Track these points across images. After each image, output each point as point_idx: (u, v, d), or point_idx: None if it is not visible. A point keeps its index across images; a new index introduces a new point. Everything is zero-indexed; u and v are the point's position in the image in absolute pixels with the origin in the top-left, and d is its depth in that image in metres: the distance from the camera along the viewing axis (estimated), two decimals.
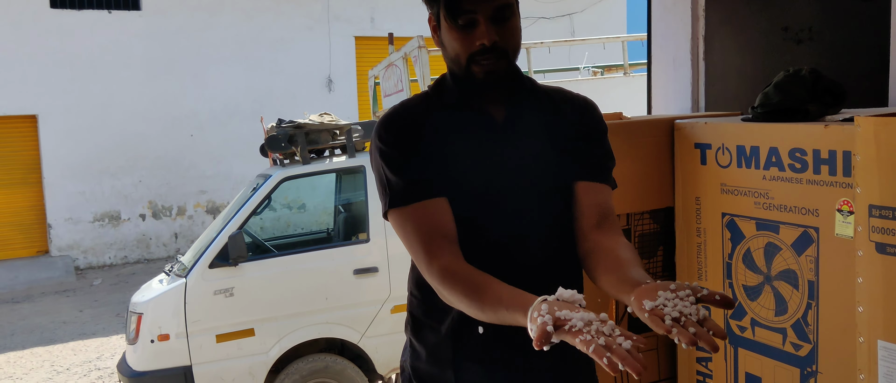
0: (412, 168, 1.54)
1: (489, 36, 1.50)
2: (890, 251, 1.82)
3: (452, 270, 1.44)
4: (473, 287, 1.39)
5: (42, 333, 8.43)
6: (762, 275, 2.56)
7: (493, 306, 1.33)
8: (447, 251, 1.47)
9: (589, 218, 1.57)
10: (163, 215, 12.36)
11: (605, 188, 1.63)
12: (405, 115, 1.60)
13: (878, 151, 1.82)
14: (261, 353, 4.70)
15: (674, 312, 1.13)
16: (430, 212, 1.51)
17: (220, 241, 4.70)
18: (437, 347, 1.61)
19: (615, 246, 1.51)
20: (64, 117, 11.57)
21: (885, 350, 1.86)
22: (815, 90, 2.63)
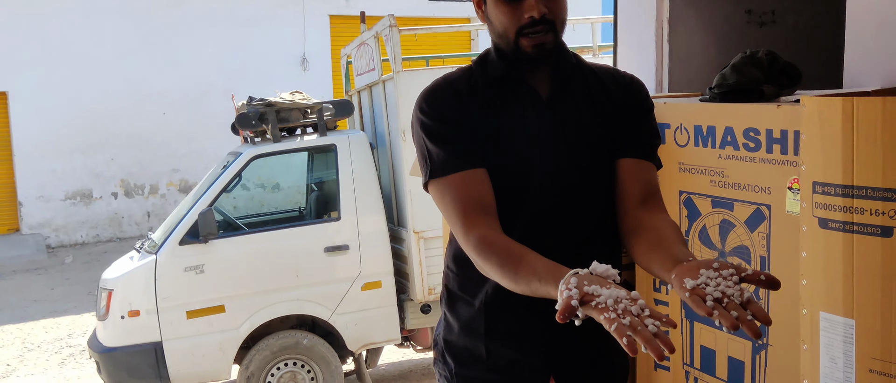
0: (453, 140, 1.54)
1: (538, 8, 1.49)
2: (831, 226, 1.89)
3: (489, 240, 1.43)
4: (509, 257, 1.38)
5: (13, 311, 8.40)
6: (717, 252, 2.64)
7: (526, 277, 1.32)
8: (484, 222, 1.47)
9: (633, 195, 1.56)
10: (135, 193, 12.29)
11: (650, 166, 1.61)
12: (447, 89, 1.60)
13: (822, 130, 1.89)
14: (231, 329, 4.74)
15: (716, 292, 1.10)
16: (469, 183, 1.50)
17: (190, 218, 4.72)
18: (471, 321, 1.62)
19: (659, 223, 1.49)
20: (34, 94, 11.44)
21: (826, 320, 1.94)
22: (771, 72, 2.71)
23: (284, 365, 4.86)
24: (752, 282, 1.14)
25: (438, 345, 1.68)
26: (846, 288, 1.87)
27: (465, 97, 1.57)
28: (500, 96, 1.57)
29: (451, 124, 1.54)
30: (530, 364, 1.56)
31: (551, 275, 1.23)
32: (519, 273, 1.33)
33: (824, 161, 1.89)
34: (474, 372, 1.60)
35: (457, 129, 1.54)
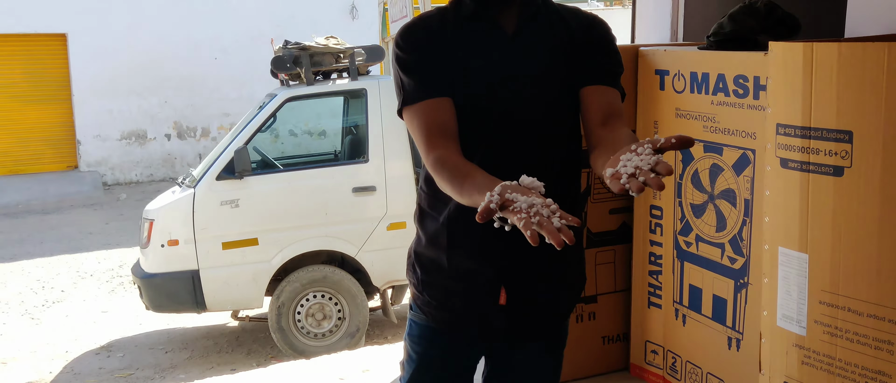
0: (423, 71, 1.66)
1: None
2: (791, 166, 2.00)
3: (444, 159, 1.57)
4: (459, 173, 1.52)
5: (69, 242, 8.86)
6: (706, 194, 2.75)
7: (469, 190, 1.45)
8: (444, 144, 1.61)
9: (595, 116, 1.66)
10: (187, 136, 12.70)
11: (610, 90, 1.71)
12: (421, 25, 1.73)
13: (785, 74, 1.99)
14: (264, 261, 5.01)
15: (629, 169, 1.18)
16: (434, 110, 1.64)
17: (226, 155, 4.97)
18: (436, 234, 1.76)
19: (617, 135, 1.57)
20: (92, 36, 11.84)
21: (783, 255, 2.06)
22: (768, 22, 2.78)
23: (313, 297, 5.12)
24: (667, 148, 1.21)
25: (410, 257, 1.85)
26: (802, 225, 1.99)
27: (437, 33, 1.70)
28: (469, 32, 1.70)
29: (423, 57, 1.68)
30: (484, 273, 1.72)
31: (487, 186, 1.35)
32: (464, 186, 1.47)
33: (786, 104, 1.99)
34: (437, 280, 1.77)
35: (427, 62, 1.67)
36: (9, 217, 10.18)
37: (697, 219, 2.80)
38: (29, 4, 11.36)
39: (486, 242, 1.68)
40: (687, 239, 2.86)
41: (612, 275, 3.19)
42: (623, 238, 3.16)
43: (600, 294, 3.17)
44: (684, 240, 2.88)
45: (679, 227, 2.89)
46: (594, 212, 3.10)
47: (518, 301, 1.73)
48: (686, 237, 2.86)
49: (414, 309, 1.86)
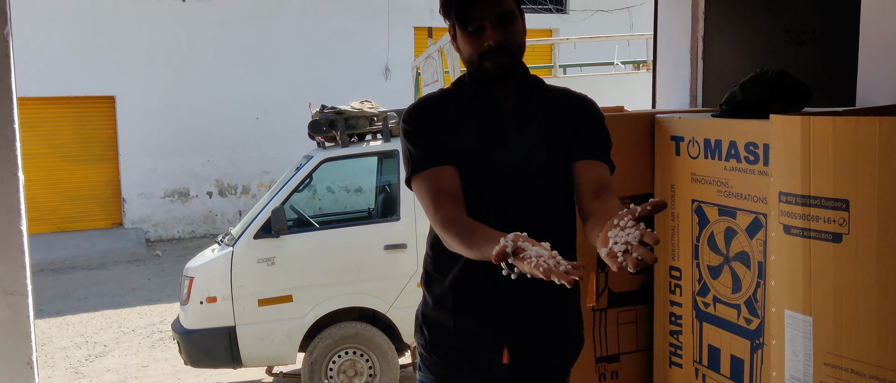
0: (428, 144, 1.84)
1: (495, 37, 1.79)
2: (793, 232, 2.09)
3: (452, 218, 1.73)
4: (466, 229, 1.67)
5: (112, 298, 9.11)
6: (722, 257, 2.84)
7: (478, 243, 1.59)
8: (450, 205, 1.77)
9: (588, 189, 1.82)
10: (228, 193, 13.02)
11: (601, 165, 1.88)
12: (427, 105, 1.92)
13: (785, 145, 2.09)
14: (298, 318, 5.15)
15: (621, 247, 1.30)
16: (440, 176, 1.81)
17: (264, 215, 5.16)
18: (442, 297, 1.90)
19: (608, 207, 1.72)
20: (140, 99, 12.29)
21: (789, 318, 2.14)
22: (779, 90, 2.89)
23: (345, 353, 5.23)
24: (645, 216, 1.34)
25: (418, 319, 1.98)
26: (805, 289, 2.07)
27: (441, 110, 1.89)
28: (470, 110, 1.88)
29: (428, 131, 1.86)
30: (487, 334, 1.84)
31: (495, 238, 1.49)
32: (473, 240, 1.61)
33: (787, 173, 2.09)
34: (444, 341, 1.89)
35: (432, 135, 1.85)
36: (55, 273, 10.50)
37: (715, 281, 2.88)
38: (80, 69, 11.86)
39: (490, 304, 1.81)
40: (705, 299, 2.94)
41: (634, 334, 3.26)
42: (644, 298, 3.24)
43: (623, 353, 3.24)
44: (702, 301, 2.95)
45: (697, 288, 2.97)
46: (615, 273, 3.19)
47: (521, 360, 1.84)
48: (704, 298, 2.94)
49: (422, 370, 1.97)
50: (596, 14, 14.12)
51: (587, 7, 14.39)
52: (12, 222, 2.69)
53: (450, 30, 1.93)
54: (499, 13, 1.80)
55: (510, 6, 1.83)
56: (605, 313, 3.20)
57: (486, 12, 1.79)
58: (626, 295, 3.26)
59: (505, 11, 1.80)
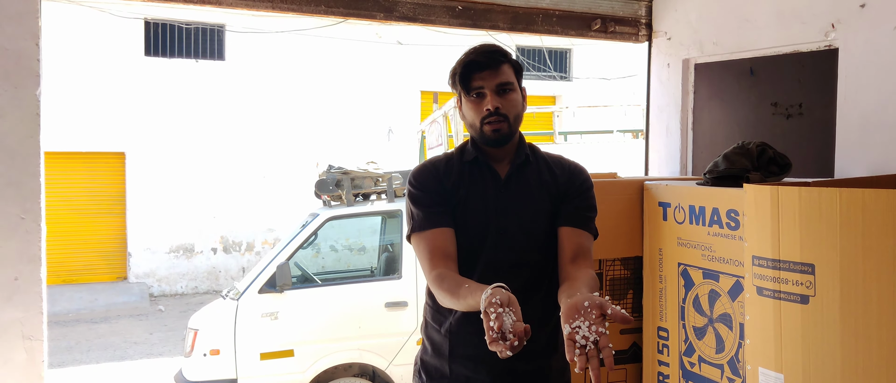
0: (429, 205, 2.03)
1: (494, 103, 2.00)
2: (765, 294, 2.24)
3: (444, 275, 1.92)
4: (456, 284, 1.84)
5: (115, 351, 9.19)
6: (707, 318, 2.98)
7: (464, 295, 1.76)
8: (444, 264, 1.96)
9: (566, 254, 2.01)
10: (233, 250, 13.17)
11: (583, 233, 2.06)
12: (431, 168, 2.11)
13: (757, 212, 2.26)
14: (298, 372, 5.25)
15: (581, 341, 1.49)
16: (437, 237, 1.99)
17: (269, 270, 5.31)
18: (439, 344, 2.07)
19: (579, 274, 1.93)
20: (149, 155, 12.54)
21: (763, 375, 2.28)
22: (760, 161, 3.07)
23: None
24: (611, 321, 1.54)
25: (416, 364, 2.13)
26: (777, 347, 2.21)
27: (443, 174, 2.08)
28: (469, 175, 2.08)
29: (430, 194, 2.05)
30: (481, 380, 1.99)
31: (479, 289, 1.68)
32: (460, 294, 1.78)
33: (759, 238, 2.25)
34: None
35: (433, 198, 2.04)
36: (59, 325, 10.58)
37: (700, 341, 3.01)
38: (92, 125, 12.14)
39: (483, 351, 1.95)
40: (691, 360, 3.07)
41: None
42: (634, 357, 3.36)
43: None
44: (688, 361, 3.08)
45: (683, 348, 3.10)
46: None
47: None
48: (690, 358, 3.07)
49: None
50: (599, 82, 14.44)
51: (590, 75, 14.73)
52: (33, 271, 2.85)
53: (456, 98, 2.14)
54: (497, 82, 2.00)
55: (509, 78, 2.03)
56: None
57: (486, 81, 2.00)
58: (616, 354, 3.38)
59: (504, 82, 2.01)
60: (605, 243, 3.25)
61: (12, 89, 2.75)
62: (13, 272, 2.78)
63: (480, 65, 2.01)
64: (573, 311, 1.56)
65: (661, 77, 4.09)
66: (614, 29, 4.00)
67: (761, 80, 4.11)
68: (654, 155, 4.17)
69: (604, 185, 3.36)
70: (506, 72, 2.03)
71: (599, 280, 3.26)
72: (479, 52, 2.03)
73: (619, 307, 1.57)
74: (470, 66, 2.01)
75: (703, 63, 4.01)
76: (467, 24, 3.63)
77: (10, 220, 2.78)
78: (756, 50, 3.73)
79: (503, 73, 2.02)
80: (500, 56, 2.04)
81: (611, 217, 3.25)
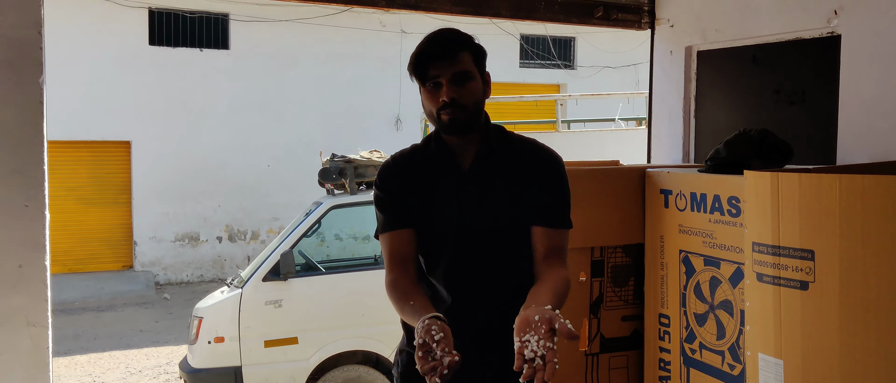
0: (391, 207, 2.03)
1: (448, 94, 1.93)
2: (765, 280, 2.25)
3: (395, 283, 1.97)
4: (403, 297, 1.91)
5: (120, 339, 9.24)
6: (707, 305, 2.99)
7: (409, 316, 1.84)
8: (399, 269, 1.99)
9: (539, 253, 2.00)
10: (238, 238, 13.21)
11: (557, 231, 2.03)
12: (394, 165, 2.10)
13: (757, 199, 2.26)
14: (302, 360, 5.28)
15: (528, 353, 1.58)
16: (396, 240, 2.01)
17: (273, 258, 5.33)
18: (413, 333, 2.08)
19: (547, 275, 1.94)
20: (154, 144, 12.56)
21: (763, 361, 2.29)
22: (761, 148, 3.07)
23: None
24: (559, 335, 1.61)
25: (396, 354, 2.19)
26: (776, 334, 2.22)
27: (405, 171, 2.07)
28: (434, 169, 2.05)
29: (390, 194, 2.05)
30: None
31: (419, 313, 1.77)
32: (404, 308, 1.87)
33: (759, 225, 2.26)
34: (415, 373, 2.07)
35: (393, 199, 2.04)
36: (66, 313, 10.64)
37: (700, 328, 3.02)
38: (98, 114, 12.16)
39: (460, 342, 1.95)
40: (692, 346, 3.08)
41: (625, 379, 3.39)
42: (635, 344, 3.37)
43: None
44: (689, 348, 3.09)
45: (685, 335, 3.11)
46: (607, 318, 3.33)
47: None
48: (691, 344, 3.08)
49: None
50: (603, 70, 14.41)
51: (595, 63, 14.69)
52: (37, 258, 2.86)
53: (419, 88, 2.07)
54: (454, 72, 1.94)
55: (467, 66, 1.97)
56: (597, 358, 3.34)
57: (442, 70, 1.93)
58: (617, 340, 3.39)
59: (461, 71, 1.95)
60: (607, 230, 3.26)
61: (15, 77, 2.76)
62: (17, 260, 2.80)
63: (435, 55, 1.95)
64: (524, 325, 1.63)
65: (664, 64, 4.09)
66: (617, 16, 3.99)
67: (764, 67, 4.10)
68: (657, 142, 4.17)
69: (606, 173, 3.37)
70: (464, 60, 1.97)
71: (602, 267, 3.27)
72: (435, 41, 1.97)
73: (567, 322, 1.61)
74: (424, 56, 1.96)
75: (705, 50, 4.01)
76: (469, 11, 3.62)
77: (14, 208, 2.79)
78: (759, 37, 3.73)
79: (460, 61, 1.96)
80: (457, 45, 1.97)
81: (612, 204, 3.26)
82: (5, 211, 2.78)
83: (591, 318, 3.28)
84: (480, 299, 2.01)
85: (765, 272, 2.25)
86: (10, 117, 2.77)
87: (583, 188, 3.10)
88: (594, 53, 14.74)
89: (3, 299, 2.77)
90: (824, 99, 4.38)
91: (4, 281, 2.78)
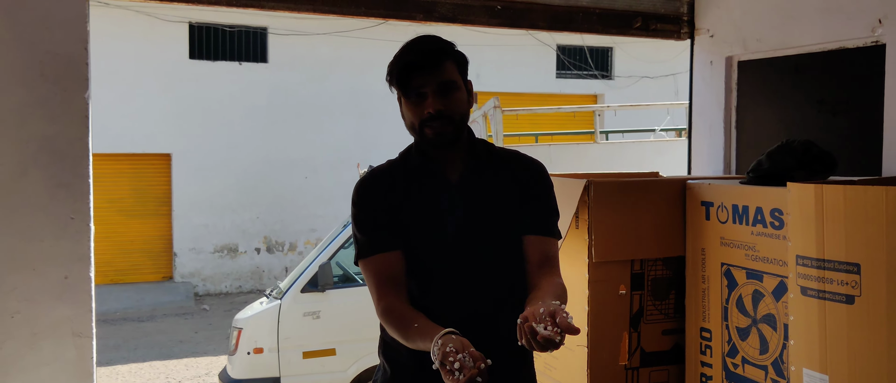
0: (373, 228, 1.87)
1: (434, 106, 1.82)
2: (809, 294, 2.21)
3: (391, 309, 1.79)
4: (404, 322, 1.75)
5: (161, 349, 9.37)
6: (750, 318, 2.94)
7: (413, 338, 1.69)
8: (392, 293, 1.82)
9: (532, 263, 1.90)
10: (276, 250, 13.33)
11: (547, 239, 1.94)
12: (373, 182, 1.94)
13: (801, 211, 2.23)
14: (340, 371, 5.30)
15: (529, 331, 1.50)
16: (383, 263, 1.84)
17: (311, 270, 5.37)
18: (402, 366, 1.92)
19: (544, 283, 1.82)
20: (194, 156, 12.75)
21: (808, 376, 2.24)
22: (804, 159, 3.02)
23: None
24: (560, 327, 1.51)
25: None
26: (821, 348, 2.18)
27: (386, 188, 1.91)
28: (416, 182, 1.91)
29: (372, 214, 1.89)
30: None
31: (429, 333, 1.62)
32: (409, 334, 1.71)
33: (803, 237, 2.22)
34: None
35: (377, 218, 1.88)
36: (107, 323, 10.82)
37: (743, 342, 2.98)
38: (139, 127, 12.38)
39: None
40: (734, 361, 3.03)
41: None
42: (676, 358, 3.33)
43: None
44: (732, 362, 3.04)
45: (726, 349, 3.06)
46: (647, 332, 3.30)
47: None
48: (733, 359, 3.03)
49: None
50: (641, 81, 14.31)
51: (632, 73, 14.61)
52: (82, 269, 2.92)
53: (398, 99, 1.96)
54: (439, 82, 1.83)
55: (452, 76, 1.86)
56: (638, 372, 3.30)
57: (426, 81, 1.83)
58: (658, 354, 3.35)
59: (446, 81, 1.84)
60: (647, 243, 3.23)
61: (62, 93, 2.82)
62: (64, 271, 2.86)
63: (419, 65, 1.84)
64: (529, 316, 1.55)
65: (704, 75, 4.05)
66: (656, 26, 3.97)
67: (806, 77, 4.04)
68: (697, 154, 4.12)
69: (645, 185, 3.34)
70: (448, 69, 1.86)
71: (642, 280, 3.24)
72: (418, 50, 1.86)
73: (570, 317, 1.52)
74: (407, 66, 1.84)
75: (746, 60, 3.96)
76: (506, 23, 3.62)
77: (61, 221, 2.85)
78: (801, 47, 3.67)
79: (445, 70, 1.85)
80: (441, 54, 1.86)
81: (652, 216, 3.22)
82: (52, 223, 2.84)
83: (630, 332, 3.25)
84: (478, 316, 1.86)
85: (809, 285, 2.21)
86: (57, 132, 2.83)
87: (622, 200, 3.09)
88: (632, 63, 14.65)
89: (50, 310, 2.83)
90: (869, 109, 4.30)
91: (51, 292, 2.83)
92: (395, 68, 1.88)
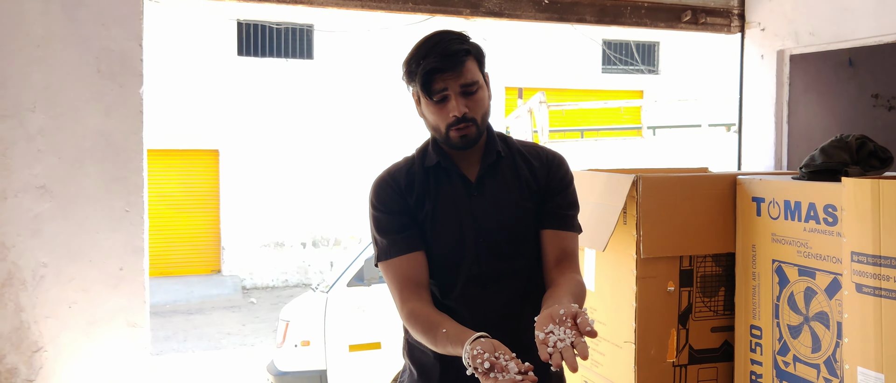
0: (393, 229, 1.82)
1: (459, 108, 1.78)
2: (865, 291, 2.17)
3: (417, 312, 1.73)
4: (430, 326, 1.68)
5: (210, 341, 9.53)
6: (802, 316, 2.89)
7: (442, 343, 1.63)
8: (416, 297, 1.76)
9: (550, 259, 1.85)
10: (321, 245, 13.46)
11: (567, 234, 1.88)
12: (390, 181, 1.88)
13: (856, 206, 2.18)
14: (385, 364, 5.34)
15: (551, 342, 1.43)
16: (405, 265, 1.80)
17: (357, 264, 5.41)
18: (429, 368, 1.88)
19: (562, 280, 1.78)
20: (242, 152, 12.94)
21: (862, 375, 2.20)
22: (859, 154, 2.95)
23: None
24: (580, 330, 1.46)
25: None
26: (877, 347, 2.14)
27: (404, 188, 1.87)
28: (435, 183, 1.87)
29: (393, 215, 1.85)
30: None
31: (459, 337, 1.58)
32: (437, 339, 1.65)
33: (858, 233, 2.18)
34: None
35: (397, 219, 1.85)
36: (157, 315, 11.05)
37: (794, 340, 2.93)
38: (188, 124, 12.60)
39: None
40: (785, 359, 2.98)
41: None
42: (725, 356, 3.29)
43: None
44: (783, 360, 2.99)
45: (777, 347, 3.01)
46: (696, 329, 3.26)
47: None
48: (784, 357, 2.98)
49: None
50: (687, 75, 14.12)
51: (678, 68, 14.43)
52: (137, 261, 2.99)
53: (414, 94, 1.93)
54: (462, 83, 1.79)
55: (475, 76, 1.81)
56: (686, 369, 3.27)
57: (450, 83, 1.79)
58: (707, 352, 3.31)
59: (469, 82, 1.80)
60: (696, 239, 3.19)
61: (118, 88, 2.89)
62: (119, 262, 2.93)
63: (442, 68, 1.79)
64: (548, 319, 1.49)
65: (755, 69, 3.98)
66: (705, 20, 3.91)
67: (861, 71, 3.95)
68: (748, 149, 4.06)
69: (694, 180, 3.30)
70: (470, 69, 1.81)
71: (691, 277, 3.20)
72: (439, 54, 1.80)
73: (591, 319, 1.49)
74: (429, 70, 1.80)
75: (798, 54, 3.89)
76: (554, 18, 3.60)
77: (116, 213, 2.92)
78: (855, 40, 3.59)
79: (468, 71, 1.80)
80: (463, 54, 1.81)
81: (702, 212, 3.18)
82: (108, 216, 2.91)
83: (679, 329, 3.22)
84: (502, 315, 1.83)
85: (864, 282, 2.17)
86: (114, 127, 2.90)
87: (670, 195, 3.05)
88: (678, 58, 14.47)
89: (106, 300, 2.90)
90: None
91: (107, 282, 2.91)
92: (418, 72, 1.85)
